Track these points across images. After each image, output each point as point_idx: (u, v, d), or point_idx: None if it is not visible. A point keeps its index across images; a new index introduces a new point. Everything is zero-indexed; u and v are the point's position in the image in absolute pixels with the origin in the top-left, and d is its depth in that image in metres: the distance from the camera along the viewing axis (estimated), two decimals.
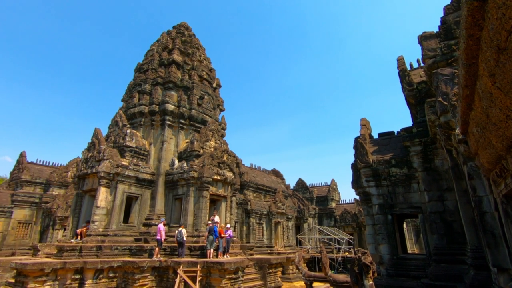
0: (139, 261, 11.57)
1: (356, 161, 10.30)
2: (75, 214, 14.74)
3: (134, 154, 15.27)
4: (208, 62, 20.27)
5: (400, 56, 10.95)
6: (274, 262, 14.97)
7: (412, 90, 9.89)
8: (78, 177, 15.02)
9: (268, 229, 24.20)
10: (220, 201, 15.58)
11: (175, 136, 16.84)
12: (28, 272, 10.12)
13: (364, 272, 4.60)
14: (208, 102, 18.29)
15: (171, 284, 11.37)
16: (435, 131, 7.66)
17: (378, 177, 9.87)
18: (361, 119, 11.78)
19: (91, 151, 14.68)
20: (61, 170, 28.32)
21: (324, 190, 39.28)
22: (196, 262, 11.32)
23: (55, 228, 22.90)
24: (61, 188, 26.88)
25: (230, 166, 16.00)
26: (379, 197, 9.76)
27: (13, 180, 27.11)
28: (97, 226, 13.07)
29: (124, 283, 11.75)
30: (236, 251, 14.04)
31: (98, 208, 13.27)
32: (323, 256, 7.60)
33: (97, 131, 15.15)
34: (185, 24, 20.99)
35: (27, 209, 24.53)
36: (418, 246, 30.43)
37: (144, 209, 14.94)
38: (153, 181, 15.38)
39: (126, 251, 13.09)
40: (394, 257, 9.03)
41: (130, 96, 17.77)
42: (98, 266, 11.25)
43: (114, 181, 13.82)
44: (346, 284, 7.26)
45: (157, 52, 18.77)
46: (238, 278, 11.56)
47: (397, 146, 10.46)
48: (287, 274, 20.38)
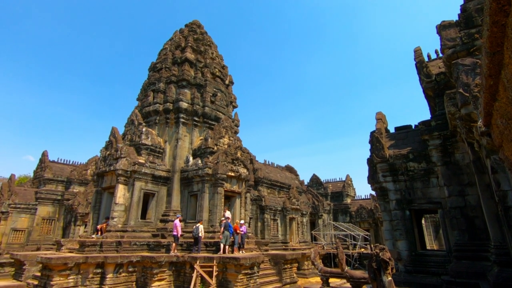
0: (157, 256, 11.84)
1: (372, 156, 10.11)
2: (95, 210, 15.23)
3: (150, 152, 15.58)
4: (221, 59, 20.33)
5: (417, 47, 10.61)
6: (289, 258, 14.96)
7: (430, 82, 9.58)
8: (97, 175, 15.48)
9: (282, 225, 24.20)
10: (234, 198, 15.69)
11: (189, 133, 17.04)
12: (53, 266, 10.56)
13: (382, 268, 4.52)
14: (221, 99, 18.38)
15: (188, 278, 11.59)
16: (455, 124, 7.41)
17: (395, 172, 9.66)
18: (377, 113, 11.54)
19: (109, 150, 15.09)
20: (81, 168, 29.29)
21: (339, 186, 38.85)
22: (212, 258, 11.47)
23: (77, 224, 23.76)
24: (81, 186, 27.83)
25: (244, 163, 16.06)
26: (397, 193, 9.57)
27: (37, 178, 28.29)
28: (116, 222, 13.46)
29: (143, 277, 12.07)
30: (251, 246, 14.13)
31: (117, 204, 13.65)
32: (339, 252, 7.53)
33: (114, 130, 15.54)
34: (197, 22, 21.10)
35: (50, 206, 25.56)
36: (437, 242, 29.68)
37: (160, 205, 15.25)
38: (168, 178, 15.65)
39: (144, 246, 13.43)
40: (412, 253, 8.85)
41: (145, 95, 18.09)
42: (118, 261, 11.60)
43: (132, 179, 14.15)
44: (363, 280, 7.17)
45: (170, 50, 18.98)
46: (254, 274, 11.64)
47: (414, 140, 10.19)
48: (303, 270, 20.36)
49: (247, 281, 11.20)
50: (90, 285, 11.19)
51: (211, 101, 17.60)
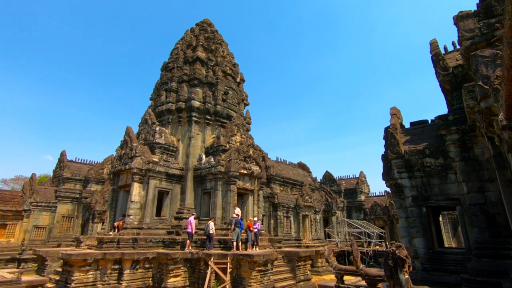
0: (172, 253, 12.05)
1: (386, 152, 9.91)
2: (111, 208, 15.63)
3: (163, 151, 15.82)
4: (232, 57, 20.36)
5: (433, 40, 10.30)
6: (303, 255, 14.93)
7: (447, 75, 9.28)
8: (113, 174, 15.86)
9: (295, 222, 24.14)
10: (247, 195, 15.75)
11: (202, 132, 17.19)
12: (73, 262, 10.93)
13: (399, 266, 4.44)
14: (232, 97, 18.43)
15: (203, 275, 11.74)
16: (474, 118, 7.16)
17: (410, 168, 9.44)
18: (391, 108, 11.30)
19: (124, 149, 15.41)
20: (97, 167, 30.10)
21: (352, 183, 38.37)
22: (226, 255, 11.58)
23: (95, 221, 24.46)
24: (98, 184, 28.61)
25: (256, 160, 16.08)
26: (413, 189, 9.36)
27: (56, 177, 29.27)
28: (132, 220, 13.77)
29: (159, 273, 12.32)
30: (264, 244, 14.17)
31: (133, 202, 13.95)
32: (354, 249, 7.44)
33: (128, 130, 15.85)
34: (207, 20, 21.19)
35: (69, 204, 26.41)
36: (455, 240, 28.90)
37: (175, 203, 15.49)
38: (182, 176, 15.86)
39: (159, 243, 13.69)
40: (430, 251, 8.65)
41: (157, 95, 18.35)
42: (134, 257, 11.88)
43: (146, 177, 14.43)
44: (378, 278, 7.07)
45: (181, 50, 19.15)
46: (268, 271, 11.68)
47: (431, 135, 9.93)
48: (316, 267, 20.28)
49: (261, 278, 11.25)
50: (109, 280, 11.51)
51: (222, 99, 17.68)
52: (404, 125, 11.75)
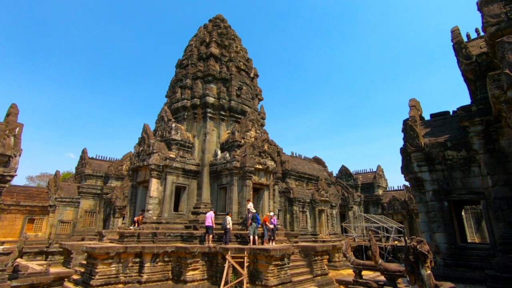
0: (190, 247, 12.30)
1: (405, 145, 9.66)
2: (131, 203, 16.09)
3: (180, 147, 16.08)
4: (245, 52, 20.32)
5: (455, 27, 9.86)
6: (319, 250, 14.86)
7: (470, 64, 8.89)
8: (132, 170, 16.29)
9: (311, 217, 24.04)
10: (262, 190, 15.80)
11: (217, 127, 17.33)
12: (97, 255, 11.37)
13: (420, 261, 4.33)
14: (246, 93, 18.43)
15: (221, 269, 11.94)
16: (500, 108, 6.84)
17: (431, 161, 9.16)
18: (410, 100, 10.97)
19: (142, 146, 15.78)
20: (117, 164, 31.01)
21: (369, 177, 37.69)
22: (242, 249, 11.70)
23: (115, 216, 25.29)
24: (118, 180, 29.51)
25: (271, 155, 16.07)
26: (433, 183, 9.09)
27: (78, 174, 30.42)
28: (151, 214, 14.14)
29: (178, 266, 12.62)
30: (281, 238, 14.21)
31: (151, 198, 14.30)
32: (372, 244, 7.33)
33: (146, 127, 16.20)
34: (220, 16, 21.19)
35: (91, 200, 27.43)
36: (479, 235, 27.91)
37: (191, 198, 15.76)
38: (198, 172, 16.09)
39: (178, 237, 14.00)
40: (452, 246, 8.41)
41: (173, 92, 18.61)
42: (154, 251, 12.22)
43: (164, 173, 14.73)
44: (398, 274, 6.94)
45: (195, 47, 19.28)
46: (285, 265, 11.72)
47: (453, 127, 9.58)
48: (333, 262, 20.16)
49: (277, 272, 11.31)
50: (130, 273, 11.92)
51: (236, 94, 17.72)
52: (424, 117, 11.38)
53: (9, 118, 10.54)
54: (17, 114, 10.78)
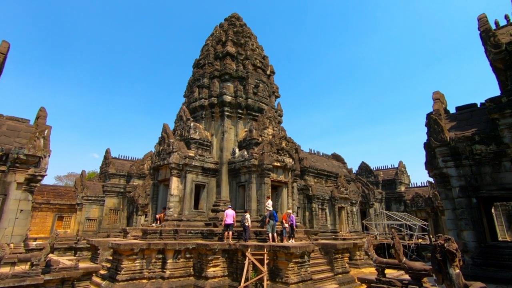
0: (210, 244, 12.49)
1: (429, 139, 9.29)
2: (153, 201, 16.54)
3: (198, 146, 16.33)
4: (261, 50, 20.27)
5: (482, 14, 9.35)
6: (340, 248, 14.66)
7: (500, 53, 8.40)
8: (153, 169, 16.73)
9: (331, 214, 23.74)
10: (281, 187, 15.77)
11: (234, 126, 17.43)
12: (122, 251, 11.79)
13: (448, 260, 4.16)
14: (263, 90, 18.40)
15: (241, 265, 12.04)
16: None
17: (457, 156, 8.76)
18: (433, 92, 10.53)
19: (162, 145, 16.16)
20: (138, 163, 31.96)
21: (390, 173, 36.68)
22: (262, 246, 11.74)
23: (138, 213, 26.13)
24: (139, 179, 30.42)
25: (289, 152, 15.99)
26: (460, 179, 8.70)
27: (102, 173, 31.61)
28: (172, 212, 14.47)
29: (199, 263, 12.86)
30: (300, 236, 14.14)
31: (172, 196, 14.63)
32: (395, 242, 7.13)
33: (165, 127, 16.56)
34: (236, 15, 21.25)
35: (115, 198, 28.45)
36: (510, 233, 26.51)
37: (211, 196, 15.99)
38: (217, 170, 16.28)
39: (198, 234, 14.26)
40: (481, 244, 8.03)
41: (190, 91, 18.90)
42: (176, 248, 12.52)
43: (183, 171, 15.02)
44: (423, 272, 6.71)
45: (211, 46, 19.45)
46: (305, 263, 11.66)
47: (481, 119, 9.11)
48: (355, 260, 19.83)
49: (298, 270, 11.27)
50: (154, 269, 12.28)
51: (253, 92, 17.74)
52: (449, 111, 10.90)
53: (38, 121, 11.10)
54: (46, 117, 11.32)
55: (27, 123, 11.50)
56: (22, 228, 10.11)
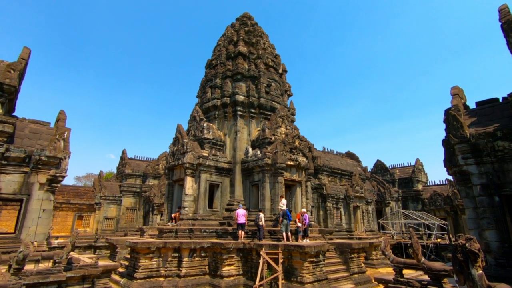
0: (225, 243, 12.59)
1: (448, 136, 9.02)
2: (168, 201, 16.82)
3: (212, 146, 16.48)
4: (273, 49, 20.22)
5: (503, 5, 8.97)
6: (356, 247, 14.44)
7: None
8: (167, 169, 17.01)
9: (346, 213, 23.44)
10: (295, 186, 15.69)
11: (247, 125, 17.48)
12: (139, 249, 12.06)
13: (470, 260, 4.03)
14: (275, 89, 18.36)
15: (255, 264, 12.08)
16: None
17: (478, 153, 8.46)
18: (452, 88, 10.20)
19: (176, 145, 16.40)
20: (153, 164, 32.56)
21: (407, 172, 35.82)
22: (276, 245, 11.73)
23: (154, 213, 26.64)
24: (155, 179, 30.99)
25: (302, 151, 15.89)
26: (481, 176, 8.39)
27: (119, 173, 32.40)
28: (187, 211, 14.68)
29: (214, 262, 12.99)
30: (315, 235, 14.04)
31: (187, 195, 14.83)
32: (413, 241, 6.97)
33: (179, 127, 16.80)
34: (247, 14, 21.27)
35: (132, 198, 29.12)
36: None
37: (225, 195, 16.10)
38: (230, 170, 16.37)
39: (213, 233, 14.40)
40: (505, 245, 7.72)
41: (203, 92, 19.08)
42: (191, 246, 12.69)
43: (197, 171, 15.20)
44: (443, 273, 6.53)
45: (223, 46, 19.56)
46: (320, 262, 11.57)
47: (503, 115, 8.76)
48: (371, 260, 19.50)
49: (313, 269, 11.20)
50: (170, 267, 12.49)
51: (265, 91, 17.72)
52: (469, 106, 10.53)
53: (58, 124, 11.49)
54: (65, 120, 11.71)
55: (48, 126, 11.93)
56: (45, 227, 10.50)
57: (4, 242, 9.61)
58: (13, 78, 9.97)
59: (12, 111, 12.26)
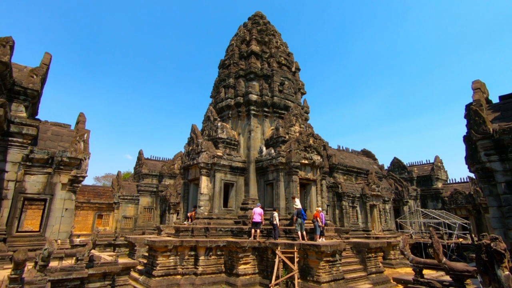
0: (241, 242, 12.66)
1: (469, 132, 8.69)
2: (184, 200, 17.08)
3: (226, 145, 16.59)
4: (285, 47, 20.12)
5: None
6: (373, 247, 14.17)
7: None
8: (183, 168, 17.26)
9: (362, 212, 23.05)
10: (310, 185, 15.57)
11: (261, 124, 17.48)
12: (157, 248, 12.31)
13: (496, 260, 3.87)
14: (289, 87, 18.27)
15: (271, 263, 12.08)
16: None
17: (502, 149, 8.12)
18: (473, 81, 9.82)
19: (191, 145, 16.61)
20: (169, 164, 33.13)
21: (426, 169, 34.82)
22: (292, 244, 11.68)
23: (170, 212, 27.12)
24: (171, 179, 31.53)
25: (317, 150, 15.74)
26: (506, 174, 8.05)
27: (136, 173, 33.18)
28: (202, 210, 14.85)
29: (230, 260, 13.08)
30: (331, 234, 13.89)
31: (202, 194, 15.01)
32: (434, 241, 6.77)
33: (194, 127, 17.00)
34: (259, 13, 21.26)
35: (149, 197, 29.76)
36: None
37: (239, 194, 16.18)
38: (245, 169, 16.43)
39: (228, 232, 14.51)
40: None
41: (217, 92, 19.23)
42: (207, 245, 12.83)
43: (212, 170, 15.34)
44: (466, 274, 6.31)
45: (236, 46, 19.63)
46: (336, 261, 11.43)
47: None
48: (389, 260, 19.10)
49: (329, 268, 11.08)
50: (187, 265, 12.68)
51: (279, 90, 17.66)
52: (491, 100, 10.11)
53: (78, 126, 11.88)
54: (85, 122, 12.09)
55: (69, 128, 12.36)
56: (68, 226, 10.90)
57: (30, 240, 10.04)
58: (36, 83, 10.37)
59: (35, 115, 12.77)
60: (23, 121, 9.78)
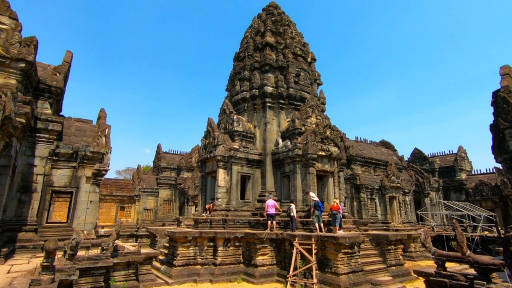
0: (258, 233, 12.79)
1: (497, 120, 8.31)
2: (202, 192, 17.40)
3: (242, 138, 16.66)
4: (301, 37, 19.77)
5: None
6: (393, 239, 13.93)
7: None
8: (200, 162, 17.54)
9: (381, 204, 22.65)
10: (327, 177, 15.43)
11: (276, 116, 17.40)
12: (177, 238, 12.67)
13: None
14: (304, 79, 18.01)
15: (289, 255, 12.16)
16: None
17: None
18: (501, 67, 9.31)
19: (208, 138, 16.81)
20: (186, 157, 33.74)
21: (448, 160, 33.60)
22: (310, 236, 11.68)
23: (189, 204, 27.74)
24: (188, 172, 32.15)
25: (334, 141, 15.52)
26: None
27: (155, 167, 34.05)
28: (220, 203, 15.09)
29: (248, 251, 13.27)
30: (349, 226, 13.76)
31: (219, 187, 15.22)
32: (457, 233, 6.57)
33: (210, 121, 17.17)
34: (273, 3, 20.93)
35: (168, 190, 30.52)
36: None
37: (256, 186, 16.29)
38: (261, 161, 16.48)
39: (245, 224, 14.69)
40: None
41: (232, 85, 19.25)
42: (226, 236, 13.07)
43: (229, 163, 15.50)
44: (492, 267, 6.10)
45: (250, 38, 19.49)
46: (355, 253, 11.35)
47: None
48: (409, 253, 18.75)
49: (348, 260, 11.02)
50: (206, 256, 12.99)
51: (294, 81, 17.45)
52: None
53: (100, 121, 12.29)
54: (106, 117, 12.49)
55: (91, 124, 12.81)
56: (93, 217, 11.40)
57: (59, 230, 10.59)
58: (59, 81, 10.78)
59: (60, 111, 13.29)
60: (48, 118, 10.22)
